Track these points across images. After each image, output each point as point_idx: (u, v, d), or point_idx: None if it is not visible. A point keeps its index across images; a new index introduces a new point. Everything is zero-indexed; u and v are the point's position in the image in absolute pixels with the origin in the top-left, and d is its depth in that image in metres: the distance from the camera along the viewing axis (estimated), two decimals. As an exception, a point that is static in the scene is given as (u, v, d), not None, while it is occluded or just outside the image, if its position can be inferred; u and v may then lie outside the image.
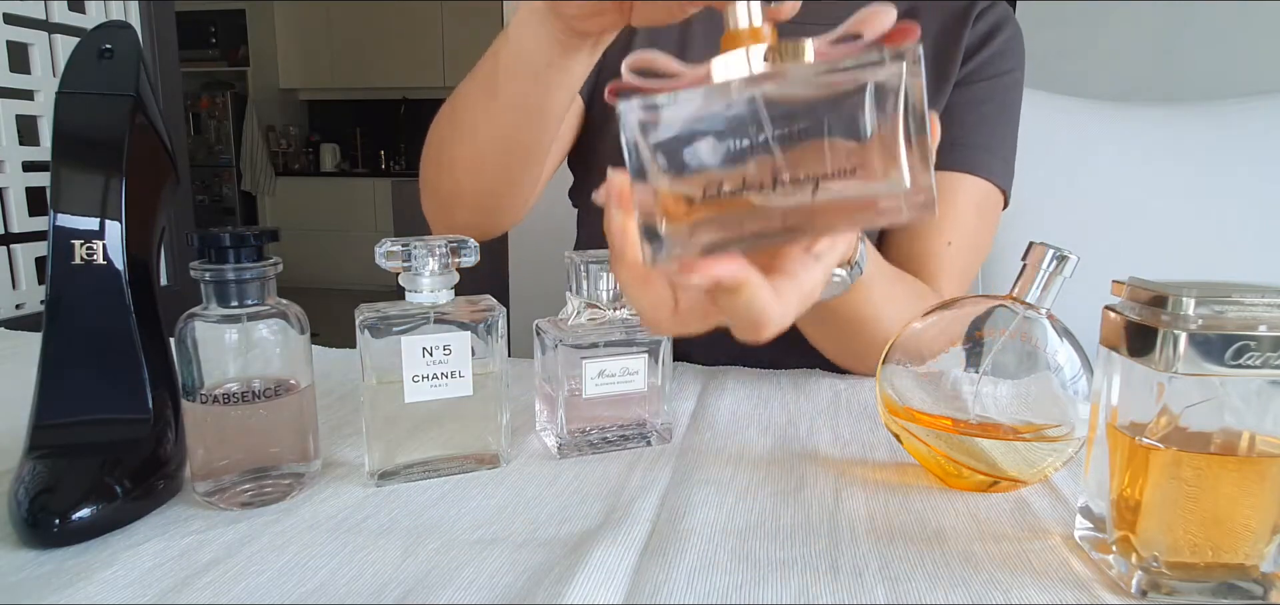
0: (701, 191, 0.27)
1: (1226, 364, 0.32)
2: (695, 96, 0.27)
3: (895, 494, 0.44)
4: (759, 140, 0.27)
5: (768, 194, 0.27)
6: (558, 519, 0.42)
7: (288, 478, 0.44)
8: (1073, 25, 1.44)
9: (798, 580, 0.36)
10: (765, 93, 0.27)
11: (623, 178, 0.29)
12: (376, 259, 0.45)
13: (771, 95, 0.27)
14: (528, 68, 0.47)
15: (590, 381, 0.49)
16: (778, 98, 0.27)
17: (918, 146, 0.27)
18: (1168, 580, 0.34)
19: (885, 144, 0.27)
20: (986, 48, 0.74)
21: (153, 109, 0.47)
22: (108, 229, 0.43)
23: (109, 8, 1.47)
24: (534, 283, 1.39)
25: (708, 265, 0.28)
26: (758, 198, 0.27)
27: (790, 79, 0.27)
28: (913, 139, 0.27)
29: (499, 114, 0.54)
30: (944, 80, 0.73)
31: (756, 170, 0.27)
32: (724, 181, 0.27)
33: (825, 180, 0.27)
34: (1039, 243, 0.43)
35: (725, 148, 0.27)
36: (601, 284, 0.49)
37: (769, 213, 0.27)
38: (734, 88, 0.27)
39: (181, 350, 0.41)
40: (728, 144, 0.27)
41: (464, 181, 0.63)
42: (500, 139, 0.57)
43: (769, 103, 0.27)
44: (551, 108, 0.54)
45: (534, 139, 0.58)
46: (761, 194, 0.27)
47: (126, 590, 0.34)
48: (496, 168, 0.60)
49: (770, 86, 0.27)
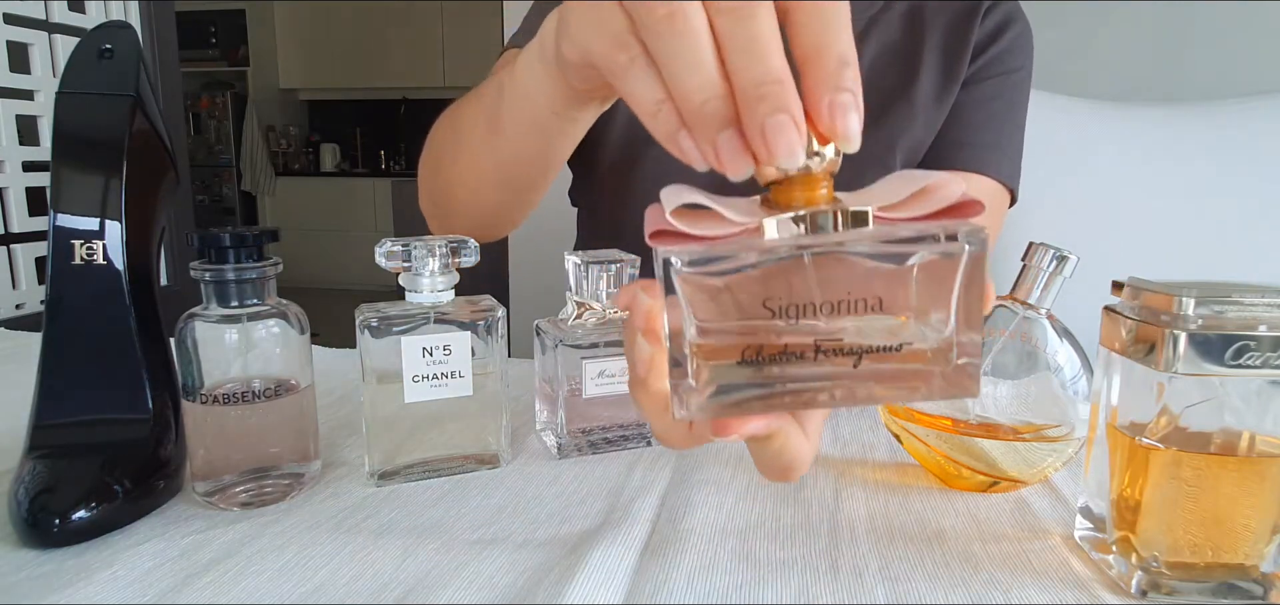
0: (740, 354, 0.26)
1: (1226, 364, 0.32)
2: (742, 255, 0.25)
3: (895, 494, 0.44)
4: (805, 306, 0.25)
5: (809, 361, 0.26)
6: (558, 519, 0.42)
7: (288, 478, 0.44)
8: (1073, 25, 1.44)
9: (798, 580, 0.36)
10: (817, 255, 0.25)
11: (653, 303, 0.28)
12: (376, 259, 0.45)
13: (824, 259, 0.25)
14: (531, 114, 0.45)
15: (590, 381, 0.49)
16: (830, 263, 0.25)
17: (971, 330, 0.26)
18: (1168, 580, 0.34)
19: (937, 325, 0.26)
20: (995, 45, 0.73)
21: (153, 109, 0.47)
22: (108, 229, 0.43)
23: (109, 8, 1.47)
24: (534, 283, 1.39)
25: (741, 423, 0.27)
26: (798, 366, 0.26)
27: (848, 247, 0.26)
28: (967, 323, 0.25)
29: (500, 147, 0.52)
30: (952, 79, 0.72)
31: (799, 337, 0.26)
32: (764, 346, 0.26)
33: (869, 355, 0.26)
34: (1039, 243, 0.43)
35: (769, 311, 0.26)
36: (601, 285, 0.49)
37: (807, 379, 0.26)
38: (785, 249, 0.25)
39: (181, 350, 0.41)
40: (773, 306, 0.26)
41: (461, 198, 0.62)
42: (500, 170, 0.55)
43: (820, 267, 0.25)
44: (554, 154, 0.51)
45: (535, 176, 0.56)
46: (801, 362, 0.26)
47: (126, 590, 0.34)
48: (494, 193, 0.59)
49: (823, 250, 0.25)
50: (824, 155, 0.27)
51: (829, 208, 0.27)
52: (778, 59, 0.25)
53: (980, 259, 0.25)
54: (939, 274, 0.25)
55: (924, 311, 0.26)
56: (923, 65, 0.72)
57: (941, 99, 0.72)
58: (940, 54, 0.73)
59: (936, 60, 0.73)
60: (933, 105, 0.72)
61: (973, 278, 0.25)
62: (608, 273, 0.49)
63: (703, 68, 0.26)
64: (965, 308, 0.26)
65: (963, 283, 0.25)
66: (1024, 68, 0.75)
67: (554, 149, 0.49)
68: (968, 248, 0.25)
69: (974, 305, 0.26)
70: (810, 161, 0.26)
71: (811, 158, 0.26)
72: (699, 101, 0.26)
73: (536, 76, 0.41)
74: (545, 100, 0.41)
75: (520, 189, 0.57)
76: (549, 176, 0.56)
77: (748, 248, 0.26)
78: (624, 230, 0.74)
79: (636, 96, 0.28)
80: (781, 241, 0.26)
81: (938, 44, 0.73)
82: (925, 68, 0.72)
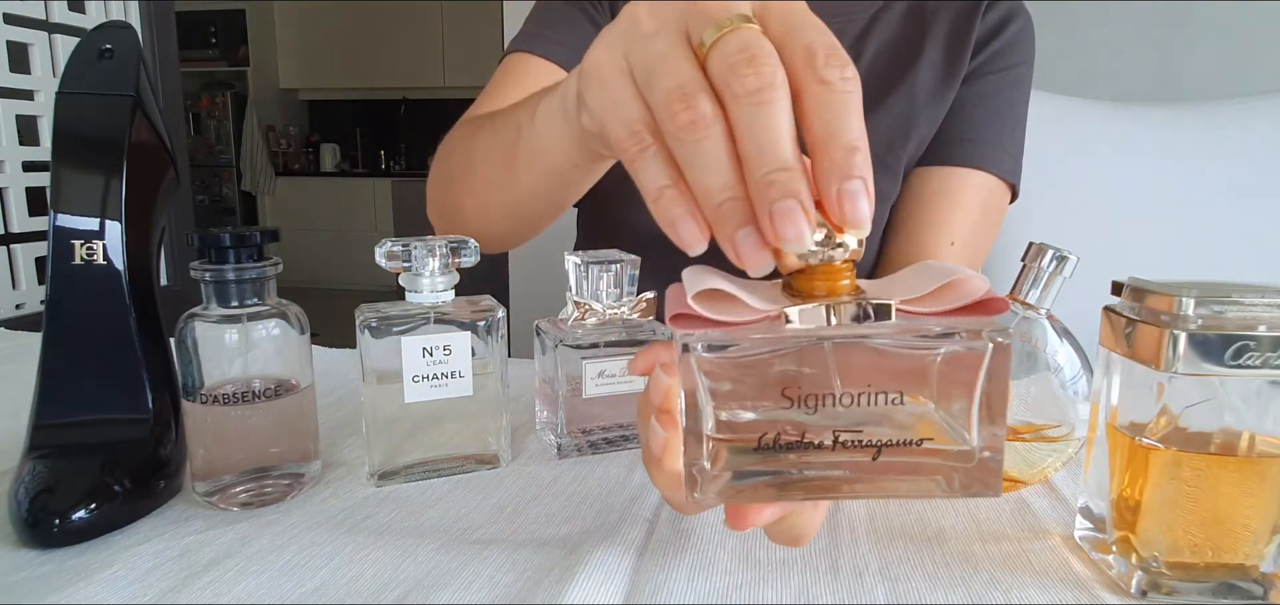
0: (757, 441, 0.26)
1: (1226, 364, 0.32)
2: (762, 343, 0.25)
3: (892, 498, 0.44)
4: (825, 396, 0.25)
5: (826, 451, 0.26)
6: (558, 519, 0.42)
7: (288, 478, 0.44)
8: (1073, 25, 1.44)
9: (798, 580, 0.36)
10: (838, 345, 0.25)
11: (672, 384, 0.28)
12: (376, 259, 0.45)
13: (845, 350, 0.25)
14: (548, 162, 0.45)
15: (590, 381, 0.49)
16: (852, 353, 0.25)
17: (994, 425, 0.25)
18: (1168, 580, 0.34)
19: (958, 421, 0.25)
20: (997, 40, 0.73)
21: (153, 109, 0.47)
22: (108, 229, 0.43)
23: (109, 8, 1.47)
24: (534, 283, 1.39)
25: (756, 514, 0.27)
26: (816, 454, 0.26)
27: (870, 339, 0.26)
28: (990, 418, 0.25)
29: (514, 185, 0.52)
30: (953, 75, 0.72)
31: (817, 428, 0.26)
32: (782, 435, 0.26)
33: (888, 449, 0.26)
34: (1039, 243, 0.43)
35: (788, 400, 0.25)
36: (602, 285, 0.49)
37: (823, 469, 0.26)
38: (806, 339, 0.25)
39: (181, 350, 0.41)
40: (791, 395, 0.25)
41: (471, 220, 0.62)
42: (512, 205, 0.55)
43: (841, 357, 0.25)
44: (567, 196, 0.51)
45: (546, 213, 0.56)
46: (819, 452, 0.26)
47: (126, 590, 0.34)
48: (504, 223, 0.59)
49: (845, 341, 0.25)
50: (846, 245, 0.26)
51: (851, 299, 0.26)
52: (787, 147, 0.25)
53: (1004, 354, 0.25)
54: (962, 368, 0.25)
55: (946, 407, 0.25)
56: (923, 61, 0.72)
57: (943, 95, 0.72)
58: (942, 50, 0.73)
59: (938, 56, 0.73)
60: (933, 101, 0.72)
61: (996, 373, 0.25)
62: (608, 273, 0.49)
63: (721, 170, 0.26)
64: (988, 403, 0.25)
65: (986, 379, 0.25)
66: (1025, 62, 0.75)
67: (567, 193, 0.49)
68: (991, 344, 0.25)
69: (997, 401, 0.25)
70: (832, 252, 0.26)
71: (835, 249, 0.26)
72: (718, 202, 0.26)
73: (556, 130, 0.41)
74: (563, 155, 0.41)
75: (530, 221, 0.58)
76: (559, 213, 0.56)
77: (768, 336, 0.26)
78: (625, 231, 0.74)
79: (644, 182, 0.29)
80: (802, 330, 0.26)
81: (939, 40, 0.73)
82: (926, 64, 0.72)
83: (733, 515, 0.28)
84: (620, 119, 0.30)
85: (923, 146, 0.74)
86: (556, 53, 0.73)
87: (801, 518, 0.30)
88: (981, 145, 0.72)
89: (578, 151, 0.42)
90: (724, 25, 0.27)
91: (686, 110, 0.26)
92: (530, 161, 0.47)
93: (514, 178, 0.50)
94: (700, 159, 0.26)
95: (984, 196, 0.73)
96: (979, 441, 0.25)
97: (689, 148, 0.27)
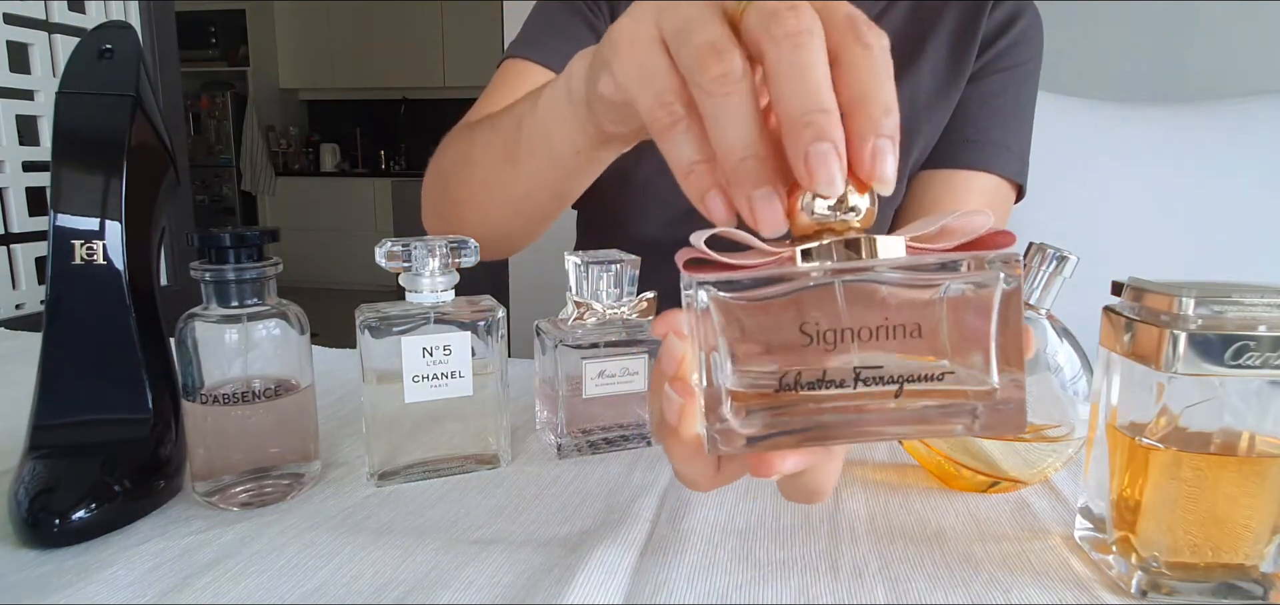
0: (777, 383, 0.25)
1: (1226, 364, 0.32)
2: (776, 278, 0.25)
3: (895, 494, 0.44)
4: (843, 331, 0.25)
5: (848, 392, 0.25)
6: (558, 519, 0.42)
7: (288, 478, 0.44)
8: (1073, 25, 1.44)
9: (798, 580, 0.36)
10: (850, 284, 0.25)
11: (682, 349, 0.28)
12: (376, 259, 0.45)
13: (858, 290, 0.25)
14: (552, 151, 0.44)
15: (590, 381, 0.49)
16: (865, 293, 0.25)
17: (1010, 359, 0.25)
18: (1168, 580, 0.34)
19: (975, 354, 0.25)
20: (1003, 38, 0.73)
21: (153, 109, 0.47)
22: (108, 229, 0.43)
23: (109, 8, 1.47)
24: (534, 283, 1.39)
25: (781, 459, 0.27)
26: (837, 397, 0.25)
27: (879, 273, 0.25)
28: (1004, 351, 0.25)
29: (515, 179, 0.52)
30: (958, 74, 0.72)
31: (836, 366, 0.25)
32: (802, 372, 0.25)
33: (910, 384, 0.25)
34: (1039, 243, 0.43)
35: (804, 339, 0.25)
36: (602, 285, 0.49)
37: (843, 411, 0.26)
38: (816, 276, 0.25)
39: (181, 350, 0.41)
40: (807, 335, 0.25)
41: (469, 221, 0.61)
42: (513, 200, 0.55)
43: (854, 296, 0.25)
44: (570, 189, 0.51)
45: (549, 208, 0.55)
46: (842, 391, 0.25)
47: (126, 590, 0.34)
48: (504, 221, 0.58)
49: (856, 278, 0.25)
50: (859, 209, 0.26)
51: (860, 234, 0.26)
52: (827, 90, 0.25)
53: (1015, 293, 0.25)
54: (974, 307, 0.25)
55: (962, 345, 0.25)
56: (925, 61, 0.72)
57: (946, 95, 0.72)
58: (945, 49, 0.72)
59: (941, 56, 0.72)
60: (937, 102, 0.72)
61: (1009, 312, 0.25)
62: (608, 273, 0.49)
63: (746, 127, 0.26)
64: (1003, 343, 0.25)
65: (999, 317, 0.25)
66: (1033, 59, 0.75)
67: (571, 185, 0.49)
68: (1001, 278, 0.25)
69: (1012, 341, 0.25)
70: (846, 215, 0.26)
71: (848, 212, 0.26)
72: (738, 157, 0.26)
73: (560, 116, 0.40)
74: (568, 140, 0.40)
75: (531, 219, 0.57)
76: (561, 208, 0.55)
77: (781, 272, 0.25)
78: (624, 231, 0.74)
79: (674, 156, 0.29)
80: (814, 266, 0.26)
81: (943, 39, 0.72)
82: (928, 64, 0.72)
83: (757, 463, 0.27)
84: (651, 87, 0.29)
85: (928, 149, 0.73)
86: (554, 60, 0.73)
87: (820, 473, 0.29)
88: (987, 146, 0.72)
89: (583, 136, 0.41)
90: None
91: (718, 63, 0.26)
92: (532, 151, 0.47)
93: (515, 170, 0.50)
94: (726, 115, 0.26)
95: (989, 199, 0.72)
96: (998, 381, 0.25)
97: (717, 102, 0.26)
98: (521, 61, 0.73)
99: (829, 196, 0.26)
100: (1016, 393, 0.25)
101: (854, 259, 0.26)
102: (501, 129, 0.53)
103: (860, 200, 0.26)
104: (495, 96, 0.72)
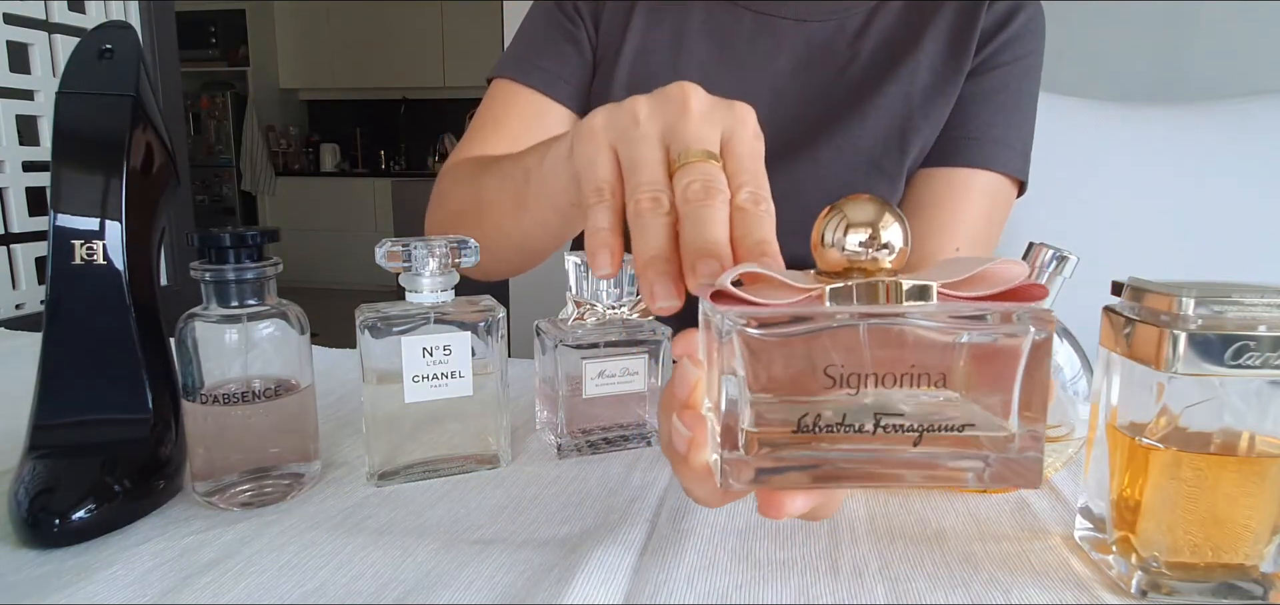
0: (797, 423, 0.25)
1: (1226, 364, 0.32)
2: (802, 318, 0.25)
3: (895, 494, 0.44)
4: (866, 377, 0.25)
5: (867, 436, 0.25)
6: (558, 519, 0.42)
7: (288, 478, 0.44)
8: (1073, 25, 1.44)
9: (798, 580, 0.36)
10: (876, 327, 0.25)
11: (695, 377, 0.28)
12: (376, 259, 0.45)
13: (884, 333, 0.25)
14: (554, 202, 0.48)
15: (590, 381, 0.49)
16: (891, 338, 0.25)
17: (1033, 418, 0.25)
18: (1167, 580, 0.34)
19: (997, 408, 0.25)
20: (1003, 32, 0.72)
21: (153, 109, 0.47)
22: (108, 229, 0.43)
23: (109, 8, 1.47)
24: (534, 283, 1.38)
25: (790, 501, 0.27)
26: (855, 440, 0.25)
27: (909, 318, 0.25)
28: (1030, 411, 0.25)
29: (522, 224, 0.56)
30: (955, 71, 0.72)
31: (857, 411, 0.25)
32: (820, 416, 0.25)
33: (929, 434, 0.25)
34: (1039, 243, 0.43)
35: (827, 382, 0.25)
36: (601, 285, 0.49)
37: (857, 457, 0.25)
38: (845, 316, 0.25)
39: (181, 350, 0.41)
40: (830, 377, 0.25)
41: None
42: (519, 240, 0.58)
43: (880, 340, 0.25)
44: (570, 234, 0.55)
45: (551, 247, 0.59)
46: (861, 435, 0.25)
47: (126, 590, 0.34)
48: (513, 257, 0.62)
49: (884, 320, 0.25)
50: (892, 246, 0.26)
51: (889, 278, 0.26)
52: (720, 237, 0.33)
53: (1044, 345, 0.24)
54: (1001, 358, 0.25)
55: (986, 396, 0.25)
56: (921, 59, 0.72)
57: (944, 93, 0.72)
58: (942, 47, 0.72)
59: (938, 53, 0.72)
60: (933, 99, 0.72)
61: (1036, 364, 0.25)
62: (608, 273, 0.49)
63: (660, 240, 0.34)
64: (1028, 395, 0.25)
65: (1026, 369, 0.25)
66: (1034, 53, 0.74)
67: (569, 229, 0.54)
68: (1032, 331, 0.24)
69: (1037, 393, 0.25)
70: (878, 253, 0.26)
71: (880, 250, 0.26)
72: (650, 255, 0.34)
73: (560, 173, 0.45)
74: (566, 193, 0.45)
75: (535, 254, 0.62)
76: (560, 244, 0.59)
77: (808, 312, 0.25)
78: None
79: (590, 222, 0.37)
80: (842, 308, 0.25)
81: (940, 37, 0.72)
82: (924, 62, 0.72)
83: (765, 503, 0.28)
84: (590, 176, 0.38)
85: (927, 147, 0.73)
86: (541, 81, 0.76)
87: (825, 507, 0.31)
88: (987, 143, 0.71)
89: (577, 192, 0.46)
90: (694, 156, 0.36)
91: (652, 203, 0.35)
92: (538, 201, 0.51)
93: (523, 215, 0.55)
94: (649, 229, 0.35)
95: (990, 196, 0.72)
96: (1018, 434, 0.25)
97: (645, 219, 0.35)
98: (511, 84, 0.77)
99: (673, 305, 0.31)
100: (1036, 445, 0.25)
101: (883, 303, 0.26)
102: (511, 179, 0.56)
103: (893, 236, 0.26)
104: (487, 123, 0.76)
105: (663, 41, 0.75)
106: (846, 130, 0.71)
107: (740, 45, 0.75)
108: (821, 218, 0.28)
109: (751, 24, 0.75)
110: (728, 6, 0.76)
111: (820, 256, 0.28)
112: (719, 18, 0.76)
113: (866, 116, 0.71)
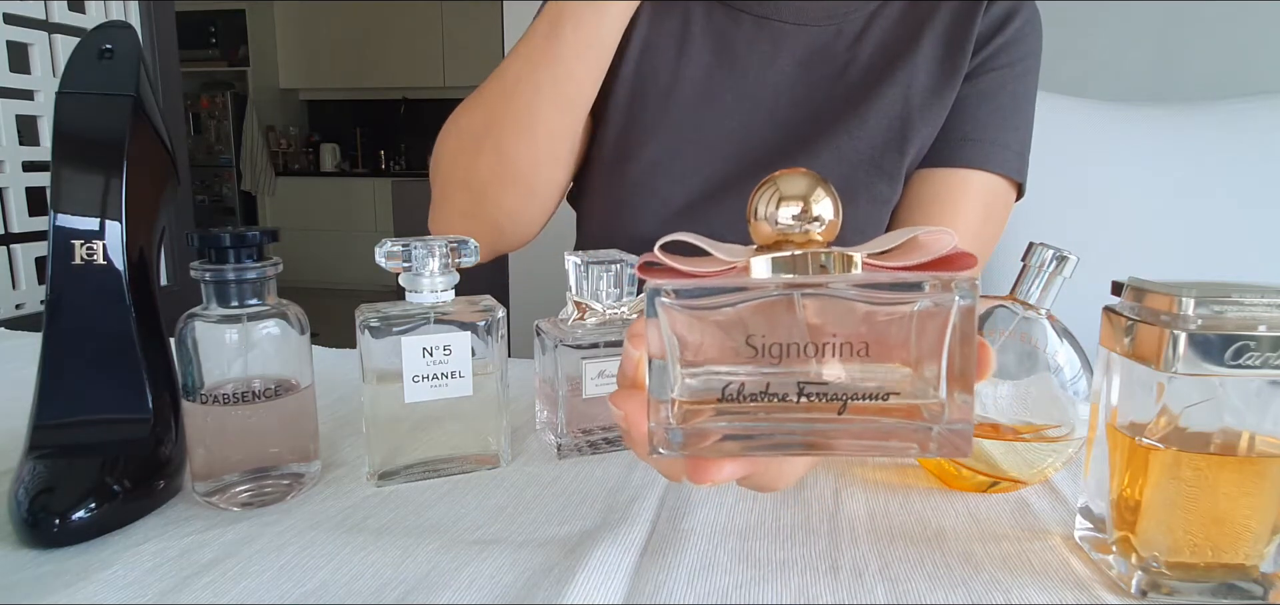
0: (721, 394, 0.26)
1: (1226, 364, 0.32)
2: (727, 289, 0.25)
3: (895, 494, 0.44)
4: (790, 347, 0.25)
5: (791, 406, 0.25)
6: (558, 519, 0.42)
7: (288, 478, 0.44)
8: (1073, 25, 1.44)
9: (798, 580, 0.36)
10: (805, 298, 0.25)
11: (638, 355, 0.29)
12: (377, 259, 0.45)
13: (810, 302, 0.25)
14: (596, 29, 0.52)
15: (590, 381, 0.49)
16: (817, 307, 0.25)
17: (962, 388, 0.25)
18: (1168, 580, 0.34)
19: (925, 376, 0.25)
20: (1000, 34, 0.72)
21: (153, 109, 0.47)
22: (108, 229, 0.43)
23: (109, 8, 1.47)
24: (534, 283, 1.39)
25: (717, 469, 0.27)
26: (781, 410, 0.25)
27: (834, 289, 0.25)
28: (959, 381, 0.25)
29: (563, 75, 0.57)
30: (953, 74, 0.72)
31: (784, 379, 0.25)
32: (747, 384, 0.25)
33: (854, 401, 0.25)
34: (1038, 243, 0.43)
35: (751, 351, 0.25)
36: (602, 285, 0.49)
37: (790, 424, 0.26)
38: (771, 287, 0.25)
39: (181, 350, 0.41)
40: (753, 347, 0.25)
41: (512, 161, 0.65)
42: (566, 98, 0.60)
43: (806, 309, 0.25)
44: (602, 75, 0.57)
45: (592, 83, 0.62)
46: (785, 404, 0.25)
47: (126, 590, 0.34)
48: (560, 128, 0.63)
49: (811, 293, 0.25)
50: (822, 219, 0.27)
51: (816, 249, 0.27)
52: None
53: (970, 312, 0.24)
54: (929, 326, 0.25)
55: (914, 365, 0.25)
56: (919, 61, 0.72)
57: (942, 94, 0.72)
58: (940, 48, 0.72)
59: (935, 55, 0.72)
60: (932, 101, 0.72)
61: (964, 332, 0.24)
62: (608, 273, 0.49)
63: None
64: (956, 364, 0.25)
65: (954, 337, 0.24)
66: (1032, 55, 0.74)
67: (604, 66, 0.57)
68: (959, 299, 0.24)
69: (966, 362, 0.25)
70: (809, 226, 0.27)
71: (810, 222, 0.27)
72: None
73: None
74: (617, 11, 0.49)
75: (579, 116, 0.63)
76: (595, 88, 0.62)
77: (733, 282, 0.26)
78: (616, 233, 0.74)
79: None
80: (768, 279, 0.26)
81: (937, 39, 0.72)
82: (922, 63, 0.72)
83: (693, 469, 0.28)
84: None
85: (924, 148, 0.73)
86: None
87: (767, 476, 0.31)
88: (983, 144, 0.71)
89: None
90: None
91: None
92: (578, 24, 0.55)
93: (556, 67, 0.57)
94: None
95: (987, 197, 0.72)
96: (947, 404, 0.25)
97: None
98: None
99: None
100: (965, 414, 0.25)
101: (810, 273, 0.26)
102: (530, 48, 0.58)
103: (824, 210, 0.27)
104: None
105: (666, 41, 0.75)
106: (846, 132, 0.71)
107: (740, 47, 0.75)
108: (755, 192, 0.28)
109: (751, 27, 0.75)
110: (727, 9, 0.76)
111: (754, 230, 0.28)
112: (719, 20, 0.76)
113: (866, 118, 0.71)
